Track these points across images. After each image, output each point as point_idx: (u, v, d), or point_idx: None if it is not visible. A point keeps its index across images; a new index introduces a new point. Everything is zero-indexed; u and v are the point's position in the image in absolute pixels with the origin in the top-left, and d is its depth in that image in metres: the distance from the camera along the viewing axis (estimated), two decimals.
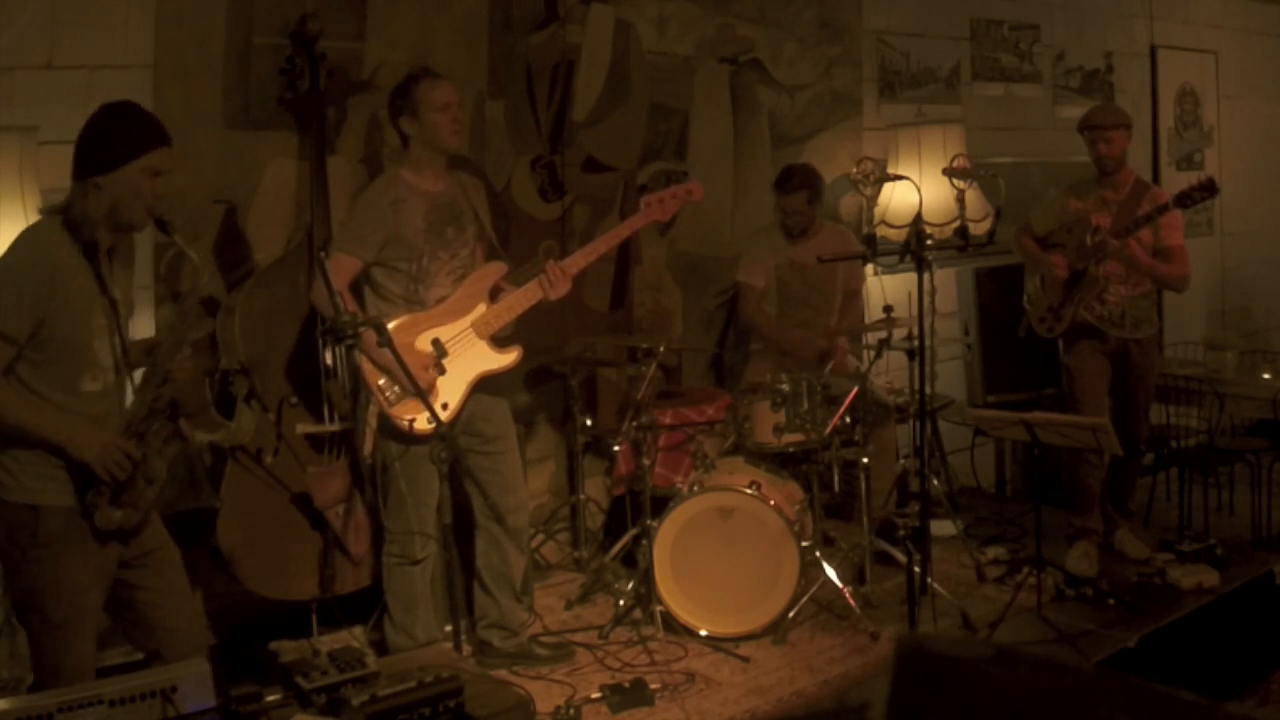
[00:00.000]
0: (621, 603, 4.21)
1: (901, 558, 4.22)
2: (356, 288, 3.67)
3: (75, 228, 2.68)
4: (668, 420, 4.56)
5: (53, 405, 2.67)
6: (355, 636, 3.82)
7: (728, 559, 4.07)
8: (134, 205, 2.71)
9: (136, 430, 2.75)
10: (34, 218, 3.29)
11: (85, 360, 2.71)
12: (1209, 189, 4.42)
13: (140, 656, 3.25)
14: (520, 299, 3.75)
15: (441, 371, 3.65)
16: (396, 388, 3.57)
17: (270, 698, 2.46)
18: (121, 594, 2.82)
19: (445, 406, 3.65)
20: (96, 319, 2.72)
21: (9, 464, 2.68)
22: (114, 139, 2.71)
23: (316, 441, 3.85)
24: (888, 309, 4.47)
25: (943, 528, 4.86)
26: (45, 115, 3.50)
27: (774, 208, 4.99)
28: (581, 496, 4.79)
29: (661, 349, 4.37)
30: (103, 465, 2.66)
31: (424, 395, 3.24)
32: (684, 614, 4.09)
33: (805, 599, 4.13)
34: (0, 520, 2.70)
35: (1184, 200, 4.43)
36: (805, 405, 4.27)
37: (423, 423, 3.49)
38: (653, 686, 3.67)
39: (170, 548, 2.94)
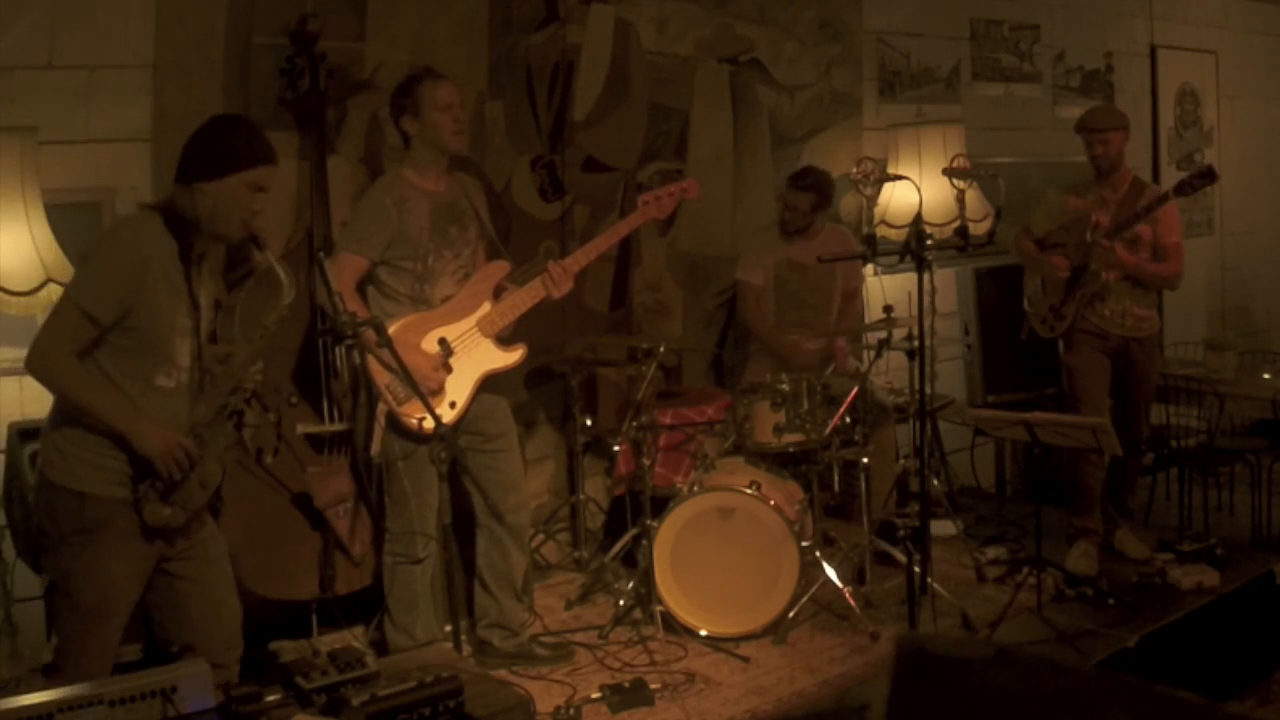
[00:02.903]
0: (621, 603, 4.21)
1: (901, 558, 4.22)
2: (360, 287, 3.67)
3: (173, 227, 2.73)
4: (668, 420, 4.56)
5: (123, 394, 2.70)
6: (355, 636, 3.84)
7: (728, 559, 4.07)
8: (232, 216, 2.77)
9: (198, 433, 2.78)
10: (35, 217, 3.30)
11: (164, 357, 2.74)
12: (1208, 176, 4.41)
13: (139, 656, 3.26)
14: (524, 298, 3.76)
15: (449, 370, 3.66)
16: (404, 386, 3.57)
17: (270, 698, 2.46)
18: (162, 581, 2.83)
19: (453, 405, 3.67)
20: (180, 319, 2.75)
21: (64, 445, 2.70)
22: (224, 148, 2.77)
23: (316, 441, 3.85)
24: (888, 309, 4.47)
25: (943, 528, 4.85)
26: (45, 115, 3.50)
27: (777, 198, 4.98)
28: (581, 496, 4.79)
29: (661, 349, 4.37)
30: (162, 460, 2.68)
31: (423, 395, 3.24)
32: (684, 614, 4.09)
33: (805, 599, 4.13)
34: (45, 501, 2.73)
35: (1183, 188, 4.42)
36: (805, 405, 4.27)
37: (432, 422, 3.50)
38: (653, 686, 3.66)
39: (217, 541, 2.96)
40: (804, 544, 4.09)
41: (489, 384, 3.78)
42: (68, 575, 2.72)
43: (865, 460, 4.41)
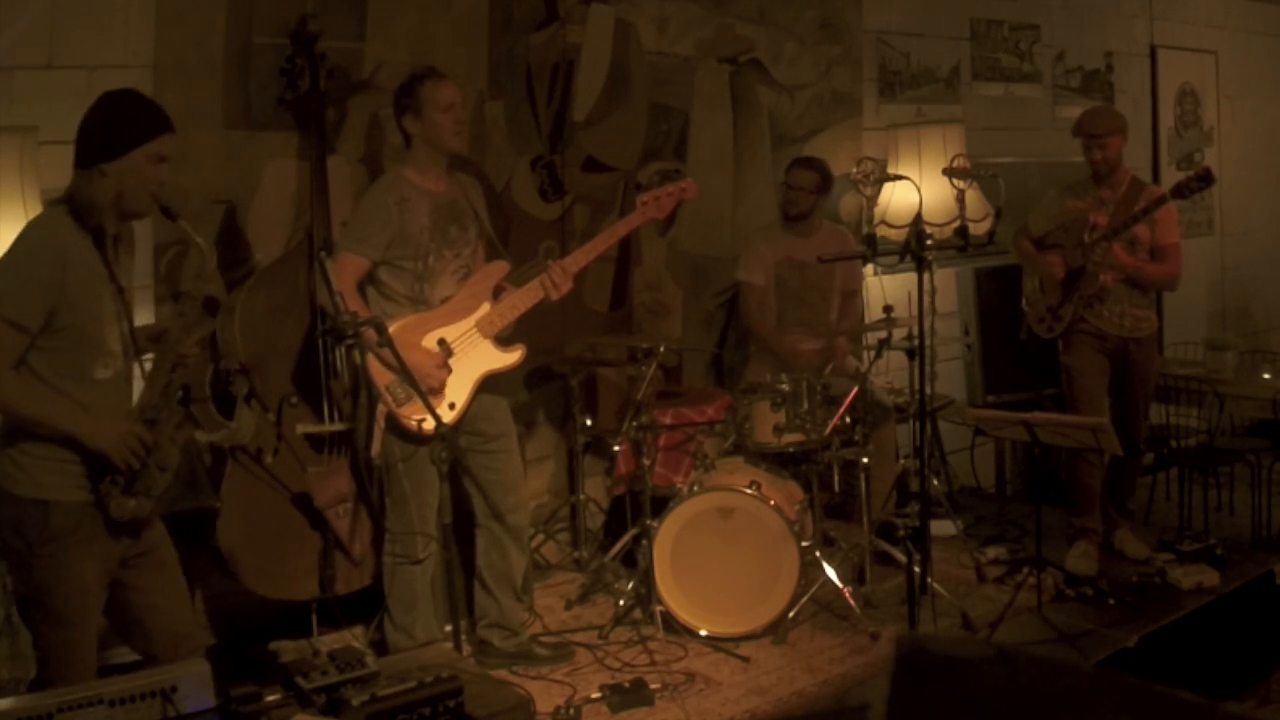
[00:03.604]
0: (621, 603, 4.21)
1: (901, 558, 4.22)
2: (360, 287, 3.67)
3: (81, 216, 2.69)
4: (668, 420, 4.56)
5: (65, 396, 2.67)
6: (355, 636, 3.83)
7: (728, 559, 4.07)
8: (140, 192, 2.73)
9: (148, 417, 2.76)
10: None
11: (97, 348, 2.71)
12: (1206, 179, 4.42)
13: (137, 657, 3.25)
14: (523, 298, 3.76)
15: (449, 371, 3.66)
16: (404, 388, 3.57)
17: (270, 698, 2.46)
18: (117, 594, 2.80)
19: (453, 406, 3.67)
20: (106, 306, 2.73)
21: (19, 458, 2.67)
22: (120, 126, 2.72)
23: (316, 441, 3.85)
24: (888, 309, 4.47)
25: (943, 528, 4.85)
26: (45, 115, 3.50)
27: (779, 185, 4.97)
28: (581, 496, 4.79)
29: (661, 349, 4.37)
30: (119, 453, 2.66)
31: (424, 395, 3.24)
32: (684, 614, 4.09)
33: (805, 599, 4.13)
34: (8, 515, 2.69)
35: (1181, 191, 4.43)
36: (805, 405, 4.27)
37: (432, 423, 3.50)
38: (653, 686, 3.67)
39: (167, 547, 2.93)
40: (804, 544, 4.09)
41: (489, 384, 3.78)
42: (43, 587, 2.68)
43: (865, 460, 4.41)
